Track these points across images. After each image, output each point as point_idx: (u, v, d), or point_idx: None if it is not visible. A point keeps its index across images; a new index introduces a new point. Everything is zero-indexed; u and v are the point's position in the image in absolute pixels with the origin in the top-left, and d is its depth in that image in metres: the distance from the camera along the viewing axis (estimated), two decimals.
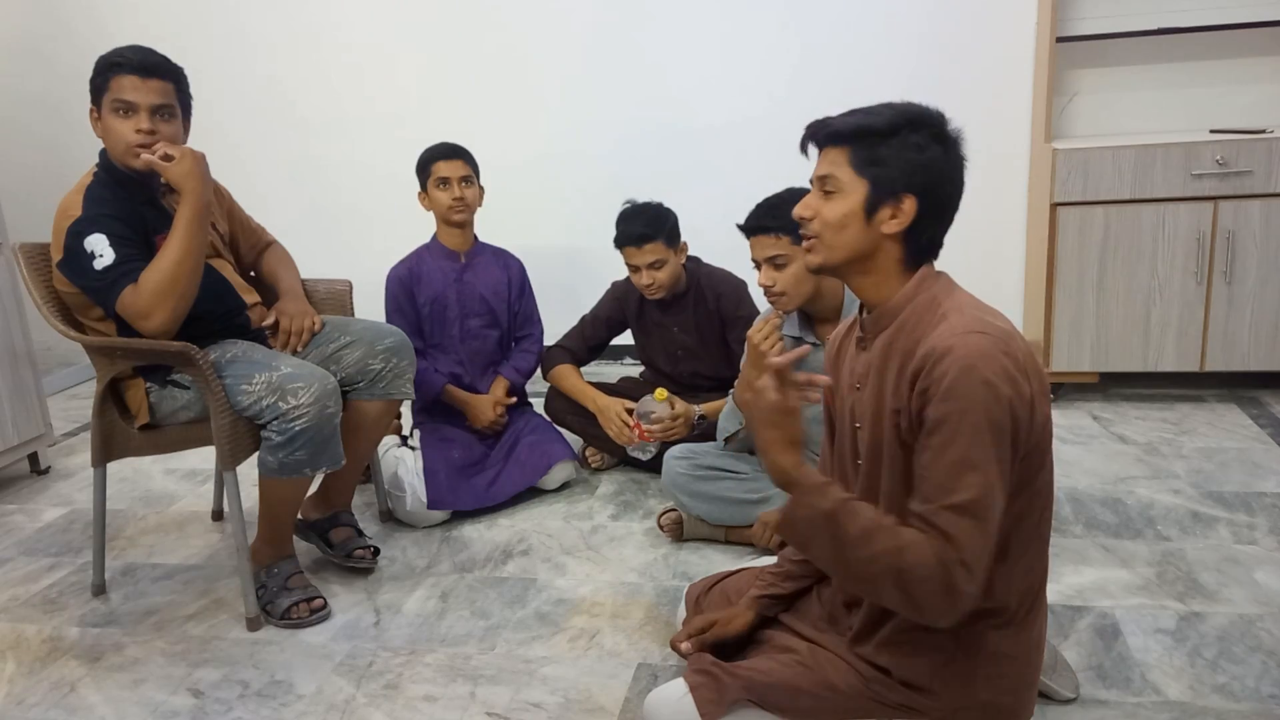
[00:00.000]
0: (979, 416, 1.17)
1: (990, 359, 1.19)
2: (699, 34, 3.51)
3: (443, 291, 2.79)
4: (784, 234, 2.07)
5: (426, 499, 2.52)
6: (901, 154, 1.28)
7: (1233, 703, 1.67)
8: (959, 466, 1.17)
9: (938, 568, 1.15)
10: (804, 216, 1.34)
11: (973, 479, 1.17)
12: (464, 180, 2.72)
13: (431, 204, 2.75)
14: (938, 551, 1.16)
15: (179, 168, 1.95)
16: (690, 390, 2.75)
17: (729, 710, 1.37)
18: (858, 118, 1.30)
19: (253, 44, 3.81)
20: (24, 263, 2.09)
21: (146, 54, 2.00)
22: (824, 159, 1.33)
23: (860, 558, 1.20)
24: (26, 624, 2.16)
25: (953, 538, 1.16)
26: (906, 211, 1.29)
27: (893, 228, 1.30)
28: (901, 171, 1.28)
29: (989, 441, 1.18)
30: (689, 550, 2.35)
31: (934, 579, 1.15)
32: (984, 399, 1.17)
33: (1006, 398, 1.18)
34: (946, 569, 1.15)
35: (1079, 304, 3.12)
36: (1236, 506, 2.41)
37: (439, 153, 2.74)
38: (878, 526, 1.20)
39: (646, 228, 2.56)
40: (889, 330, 1.33)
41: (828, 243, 1.33)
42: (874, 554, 1.19)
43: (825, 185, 1.32)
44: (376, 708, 1.79)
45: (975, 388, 1.17)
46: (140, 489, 2.91)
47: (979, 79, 3.31)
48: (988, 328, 1.23)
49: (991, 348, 1.20)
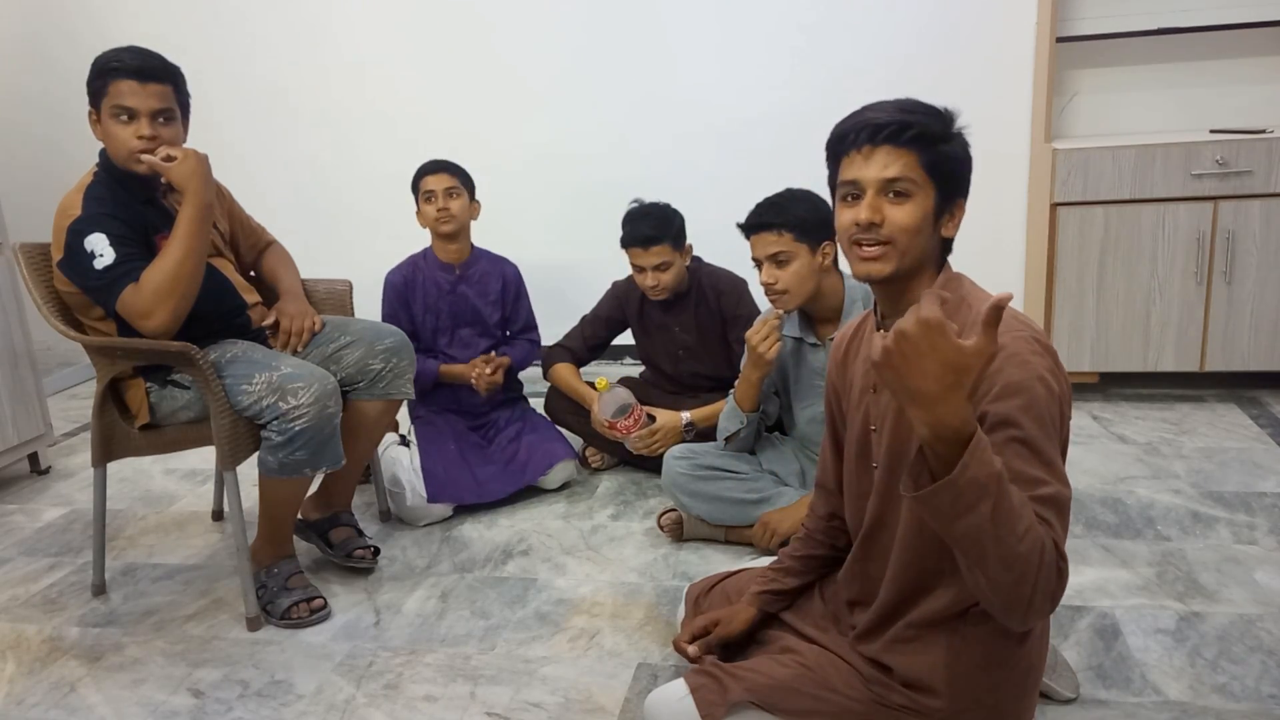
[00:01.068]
0: (1042, 410, 1.18)
1: (1041, 355, 1.21)
2: (698, 34, 3.50)
3: (435, 302, 2.81)
4: (787, 231, 2.07)
5: (426, 493, 2.52)
6: (957, 155, 1.29)
7: (1233, 703, 1.67)
8: (1032, 461, 1.16)
9: (1054, 550, 1.12)
10: (873, 222, 1.27)
11: (1047, 473, 1.16)
12: (449, 192, 2.72)
13: (423, 219, 2.78)
14: (1051, 534, 1.12)
15: (182, 168, 1.95)
16: (691, 390, 2.75)
17: (730, 712, 1.36)
18: (921, 118, 1.26)
19: (253, 43, 3.81)
20: (24, 263, 2.09)
21: (144, 57, 1.99)
22: (890, 160, 1.26)
23: (1017, 529, 1.08)
24: (26, 624, 2.16)
25: (1052, 526, 1.14)
26: (959, 215, 1.31)
27: (951, 231, 1.31)
28: (959, 175, 1.29)
29: (1053, 435, 1.19)
30: (689, 550, 2.35)
31: (1054, 563, 1.11)
32: (1042, 395, 1.18)
33: (1056, 393, 1.20)
34: (1061, 554, 1.13)
35: (1079, 304, 3.12)
36: (1236, 506, 2.41)
37: (426, 168, 2.77)
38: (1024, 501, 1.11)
39: (654, 230, 2.54)
40: None
41: (903, 248, 1.27)
42: (1029, 525, 1.08)
43: (895, 188, 1.26)
44: (376, 708, 1.80)
45: (1034, 384, 1.18)
46: (140, 489, 2.91)
47: (979, 79, 3.31)
48: (1025, 328, 1.24)
49: (1038, 346, 1.22)
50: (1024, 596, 1.10)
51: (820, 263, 2.11)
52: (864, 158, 1.27)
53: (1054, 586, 1.11)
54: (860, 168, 1.28)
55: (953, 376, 1.03)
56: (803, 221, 2.08)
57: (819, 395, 2.26)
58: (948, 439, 1.05)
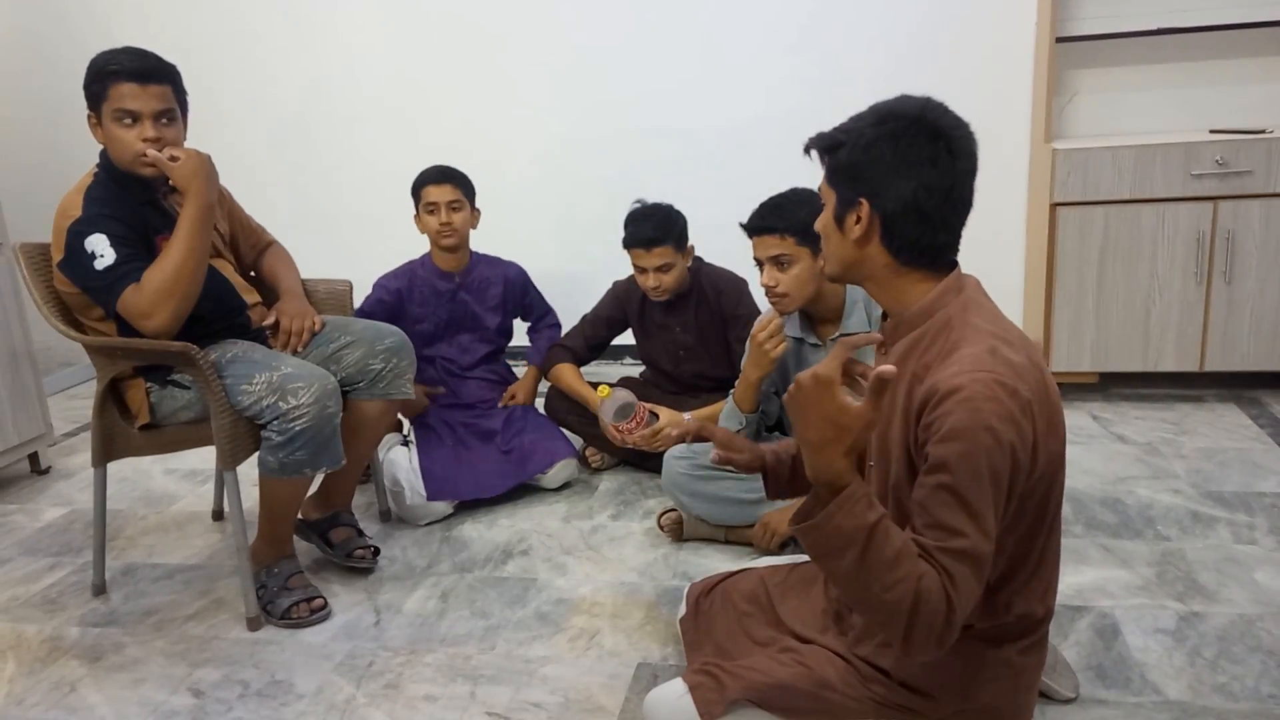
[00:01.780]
0: (979, 461, 1.14)
1: (995, 401, 1.15)
2: (699, 33, 3.50)
3: (434, 309, 2.81)
4: (789, 234, 2.06)
5: (425, 491, 2.52)
6: (853, 158, 1.27)
7: (1232, 703, 1.67)
8: (956, 511, 1.14)
9: (943, 603, 1.13)
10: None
11: (969, 526, 1.14)
12: (452, 205, 2.70)
13: (424, 227, 2.76)
14: (944, 587, 1.13)
15: (184, 168, 1.96)
16: (691, 391, 2.75)
17: (728, 710, 1.36)
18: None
19: (254, 43, 3.81)
20: (24, 263, 2.09)
21: (142, 58, 1.99)
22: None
23: (884, 580, 1.13)
24: (26, 624, 2.17)
25: (954, 579, 1.14)
26: (865, 217, 1.27)
27: (856, 233, 1.28)
28: (854, 176, 1.27)
29: (987, 487, 1.15)
30: (689, 550, 2.35)
31: (940, 614, 1.12)
32: (986, 444, 1.14)
33: (1009, 443, 1.15)
34: (950, 607, 1.13)
35: (1079, 304, 3.12)
36: (1236, 506, 2.41)
37: (429, 177, 2.73)
38: (908, 550, 1.15)
39: (656, 231, 2.54)
40: (905, 340, 1.31)
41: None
42: (899, 578, 1.12)
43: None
44: (376, 707, 1.80)
45: (978, 433, 1.14)
46: (140, 489, 2.92)
47: (979, 79, 3.31)
48: (998, 365, 1.18)
49: (998, 390, 1.16)
50: (897, 635, 1.14)
51: (822, 266, 2.11)
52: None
53: (938, 633, 1.13)
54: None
55: (833, 432, 1.11)
56: (805, 225, 2.07)
57: None
58: (825, 485, 1.14)
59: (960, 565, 1.13)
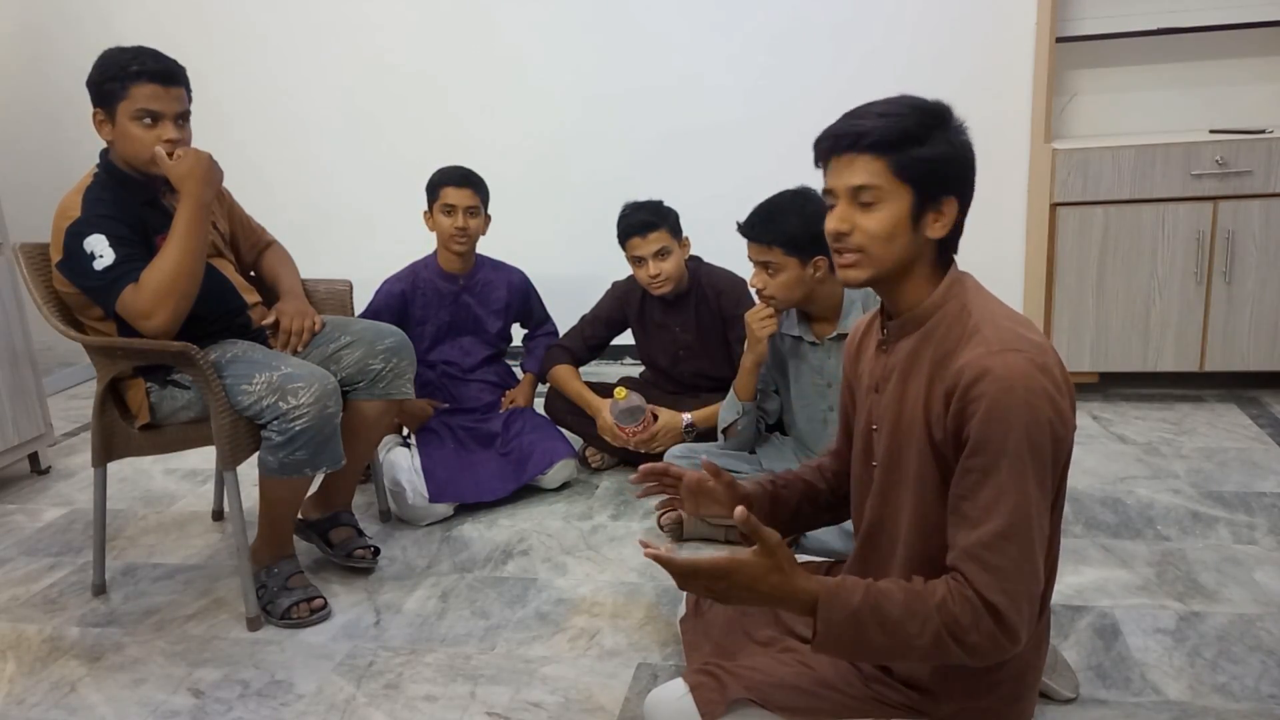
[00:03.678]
0: (1020, 439, 1.15)
1: (1029, 379, 1.16)
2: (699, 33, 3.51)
3: (437, 311, 2.80)
4: (776, 245, 2.10)
5: (427, 493, 2.52)
6: (937, 154, 1.24)
7: (1232, 702, 1.67)
8: (1001, 491, 1.16)
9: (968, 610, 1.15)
10: (841, 231, 1.27)
11: (1013, 504, 1.16)
12: (470, 210, 2.69)
13: (435, 227, 2.75)
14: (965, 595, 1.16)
15: (179, 167, 1.96)
16: (691, 390, 2.75)
17: (730, 710, 1.36)
18: (887, 122, 1.24)
19: (256, 43, 3.81)
20: (24, 263, 2.09)
21: (164, 61, 2.00)
22: (855, 168, 1.25)
23: (910, 629, 1.17)
24: (26, 624, 2.17)
25: (997, 570, 1.15)
26: (949, 213, 1.27)
27: (938, 231, 1.27)
28: (941, 173, 1.25)
29: (1030, 465, 1.16)
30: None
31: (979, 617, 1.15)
32: (1025, 422, 1.15)
33: (1047, 419, 1.17)
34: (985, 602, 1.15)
35: (1078, 304, 3.12)
36: (1236, 506, 2.41)
37: (450, 178, 2.70)
38: (911, 594, 1.18)
39: (650, 215, 2.58)
40: (913, 337, 1.31)
41: (876, 256, 1.27)
42: (922, 617, 1.16)
43: (862, 196, 1.25)
44: (376, 707, 1.80)
45: (1016, 410, 1.15)
46: (140, 489, 2.92)
47: (979, 79, 3.32)
48: (1023, 343, 1.20)
49: (1029, 366, 1.17)
50: (960, 658, 1.19)
51: (811, 274, 2.12)
52: (835, 166, 1.28)
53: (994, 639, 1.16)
54: (832, 176, 1.28)
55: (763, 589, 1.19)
56: (792, 237, 2.08)
57: (818, 394, 2.27)
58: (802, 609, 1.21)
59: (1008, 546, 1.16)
